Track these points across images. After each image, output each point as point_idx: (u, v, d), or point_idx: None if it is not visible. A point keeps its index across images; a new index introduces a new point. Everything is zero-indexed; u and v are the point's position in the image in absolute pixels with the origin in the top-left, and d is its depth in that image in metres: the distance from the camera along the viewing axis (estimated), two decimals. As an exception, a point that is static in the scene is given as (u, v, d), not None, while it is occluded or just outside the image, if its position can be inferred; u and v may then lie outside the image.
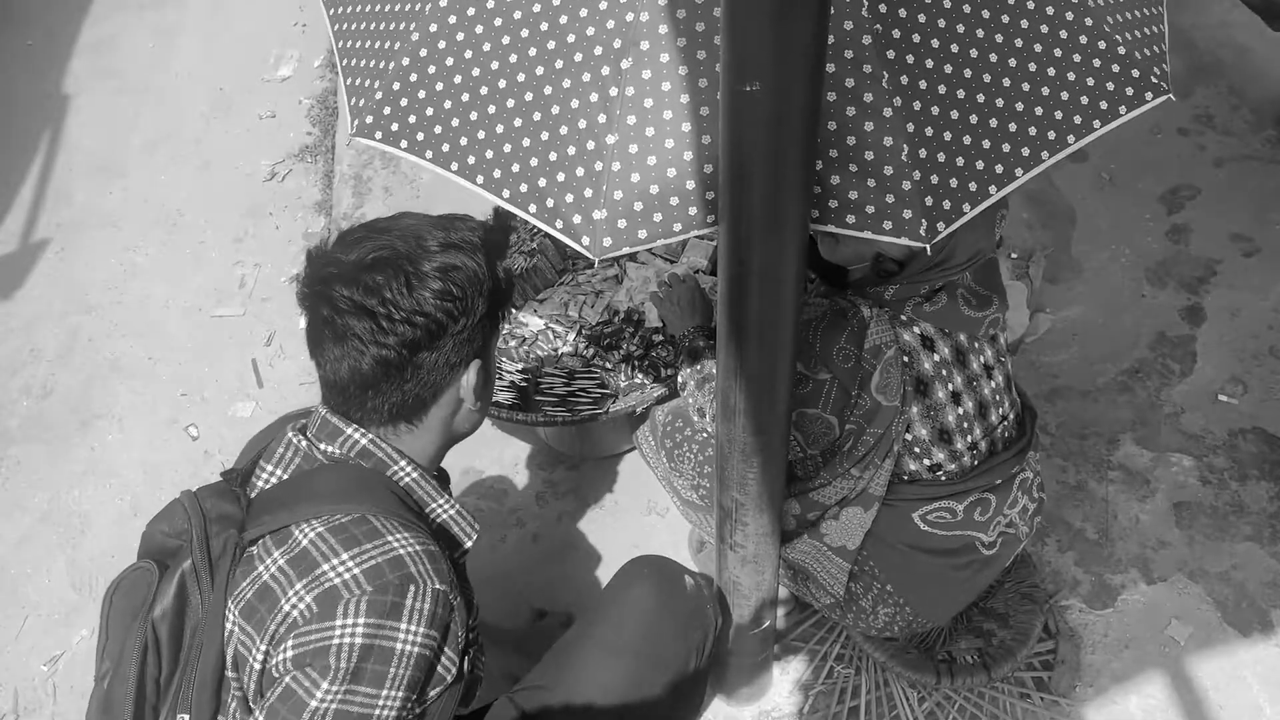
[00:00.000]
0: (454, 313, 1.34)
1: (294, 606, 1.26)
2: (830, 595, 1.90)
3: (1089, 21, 1.41)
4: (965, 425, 1.79)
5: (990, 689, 2.16)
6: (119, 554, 2.62)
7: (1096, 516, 2.46)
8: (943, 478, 1.81)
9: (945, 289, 1.74)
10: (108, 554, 2.63)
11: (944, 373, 1.75)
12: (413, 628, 1.27)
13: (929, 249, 1.32)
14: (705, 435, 2.01)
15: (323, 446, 1.38)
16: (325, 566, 1.27)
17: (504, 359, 2.37)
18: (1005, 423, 1.86)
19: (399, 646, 1.26)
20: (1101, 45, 1.42)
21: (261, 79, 3.92)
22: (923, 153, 1.33)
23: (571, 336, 2.39)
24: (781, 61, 1.06)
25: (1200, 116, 3.35)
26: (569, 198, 1.35)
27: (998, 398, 1.84)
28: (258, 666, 1.28)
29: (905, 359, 1.72)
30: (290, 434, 1.41)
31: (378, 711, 1.25)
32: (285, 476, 1.39)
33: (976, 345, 1.80)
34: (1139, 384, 2.71)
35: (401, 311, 1.30)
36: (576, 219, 1.34)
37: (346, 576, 1.26)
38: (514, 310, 2.46)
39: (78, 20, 4.23)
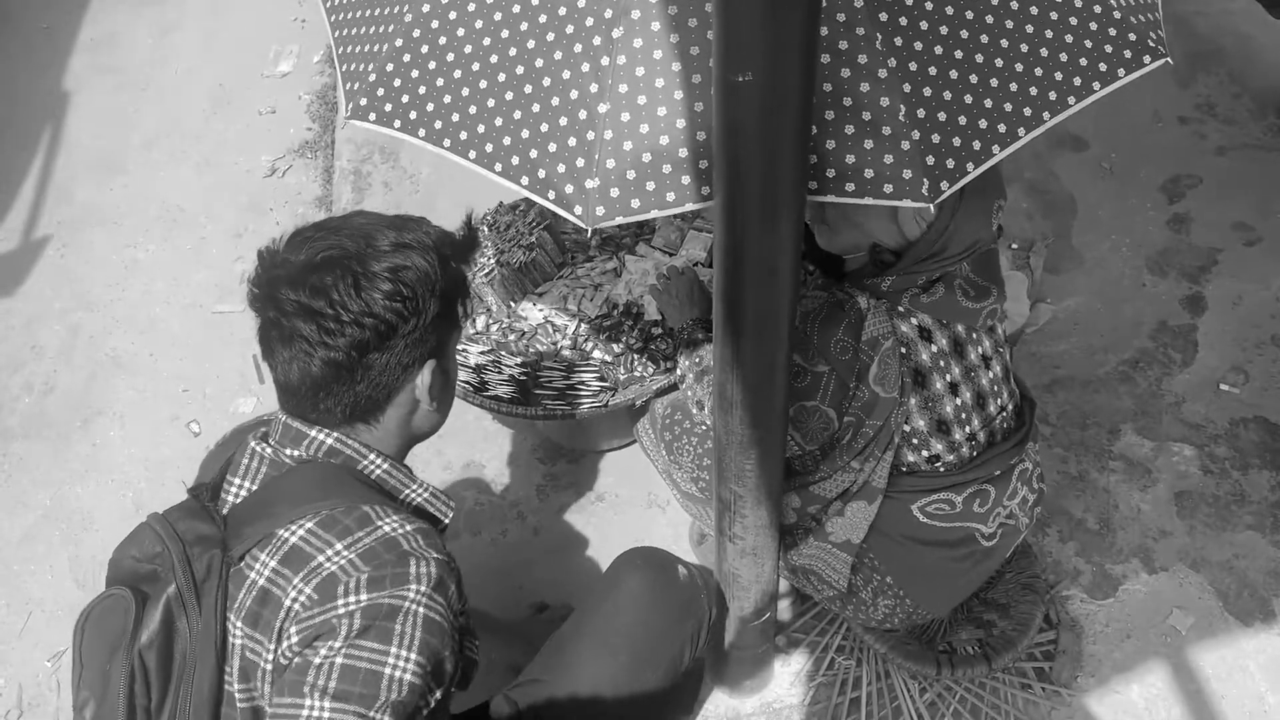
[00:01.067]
0: (404, 313, 1.32)
1: (294, 600, 1.25)
2: (833, 588, 1.90)
3: None
4: (963, 416, 1.79)
5: (991, 679, 2.16)
6: (121, 550, 2.62)
7: (1098, 506, 2.46)
8: (941, 469, 1.81)
9: (943, 280, 1.73)
10: (110, 550, 2.63)
11: (941, 364, 1.75)
12: (421, 588, 1.24)
13: (933, 209, 1.31)
14: (704, 428, 2.01)
15: (288, 451, 1.36)
16: (320, 558, 1.26)
17: (503, 353, 2.37)
18: (1004, 413, 1.86)
19: (405, 604, 1.23)
20: (1097, 8, 1.41)
21: (261, 75, 3.92)
22: (921, 112, 1.31)
23: (570, 330, 2.39)
24: (774, 51, 1.06)
25: (1201, 105, 3.34)
26: (561, 168, 1.34)
27: (996, 388, 1.84)
28: (269, 667, 1.27)
29: (903, 350, 1.71)
30: (253, 444, 1.39)
31: (388, 670, 1.20)
32: (254, 487, 1.37)
33: (974, 336, 1.80)
34: (1140, 374, 2.71)
35: (349, 313, 1.28)
36: (569, 189, 1.33)
37: (342, 562, 1.25)
38: (512, 304, 2.46)
39: (77, 17, 4.23)
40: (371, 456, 1.39)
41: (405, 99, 1.44)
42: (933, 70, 1.33)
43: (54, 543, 2.68)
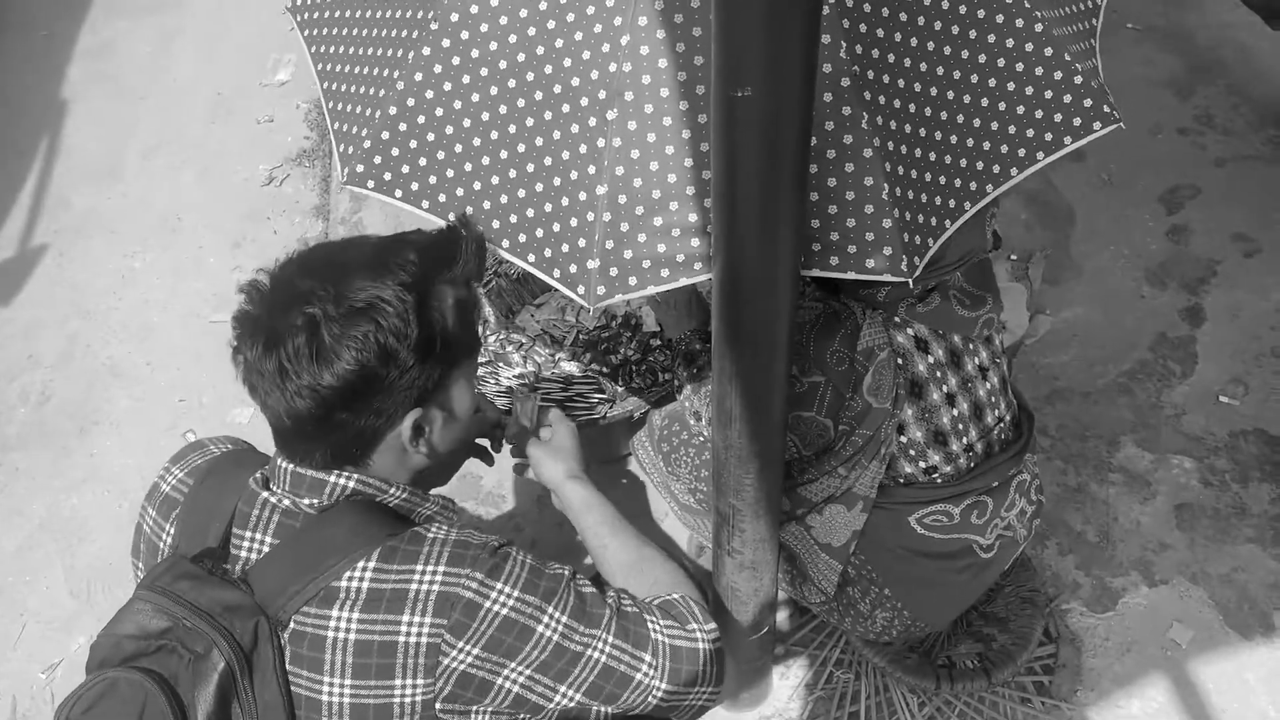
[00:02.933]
0: (369, 377, 1.23)
1: (419, 636, 1.22)
2: (822, 593, 1.90)
3: (1049, 51, 1.44)
4: (960, 427, 1.79)
5: (991, 694, 2.15)
6: (117, 561, 2.61)
7: (1097, 519, 2.45)
8: (939, 480, 1.80)
9: (938, 289, 1.74)
10: (106, 560, 2.63)
11: (939, 374, 1.75)
12: (513, 548, 1.32)
13: (911, 283, 1.36)
14: (702, 439, 2.00)
15: (307, 501, 1.29)
16: (413, 587, 1.23)
17: (500, 364, 2.36)
18: (1001, 424, 1.86)
19: (526, 562, 1.31)
20: (1058, 75, 1.44)
21: (259, 84, 3.92)
22: (899, 190, 1.35)
23: (569, 341, 2.38)
24: (773, 63, 1.06)
25: (1200, 116, 3.34)
26: (564, 248, 1.37)
27: (993, 399, 1.83)
28: (419, 699, 1.24)
29: (899, 361, 1.71)
30: (260, 492, 1.30)
31: (570, 590, 1.31)
32: (273, 540, 1.29)
33: (971, 346, 1.80)
34: (1139, 385, 2.70)
35: (304, 375, 1.20)
36: (572, 269, 1.37)
37: (439, 578, 1.24)
38: (510, 315, 2.46)
39: (76, 25, 4.23)
40: (392, 490, 1.33)
41: (405, 170, 1.44)
42: (905, 149, 1.36)
43: (50, 553, 2.67)
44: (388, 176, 1.46)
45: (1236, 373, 2.71)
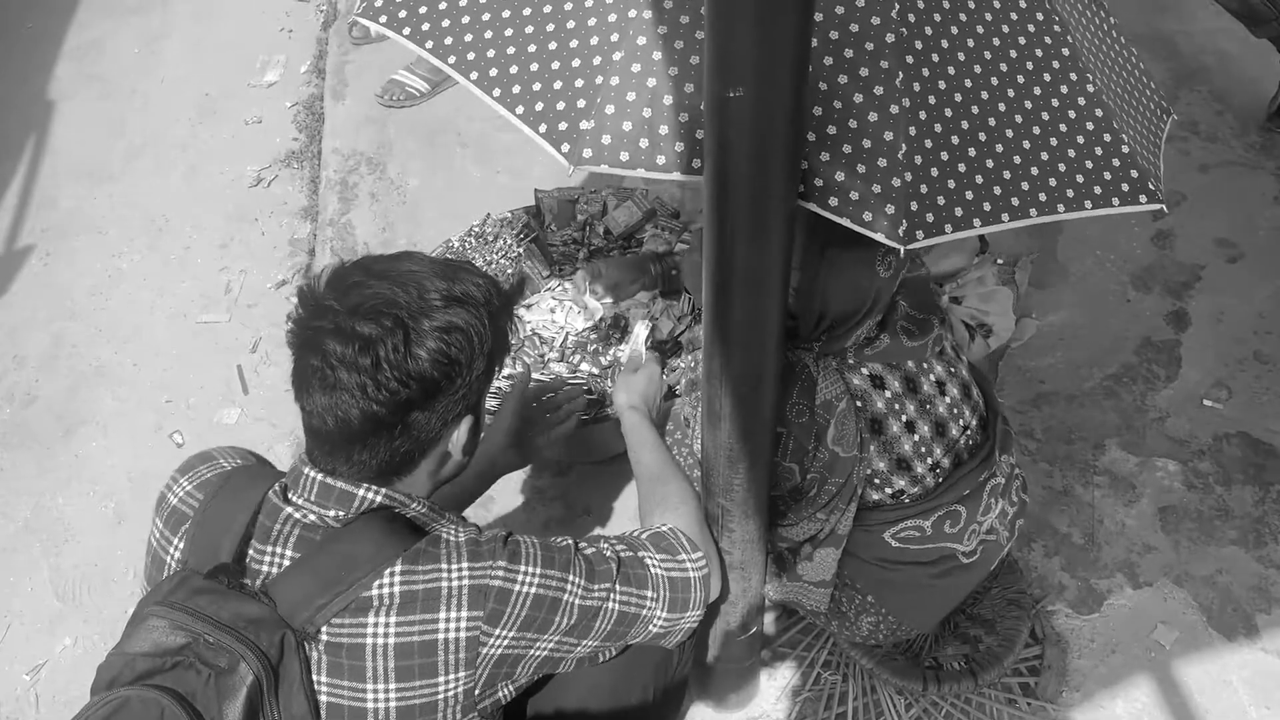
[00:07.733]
0: (451, 374, 1.29)
1: (458, 630, 1.26)
2: (814, 612, 1.91)
3: (1099, 113, 1.45)
4: (923, 450, 1.78)
5: (977, 695, 2.16)
6: (102, 562, 2.60)
7: (1083, 521, 2.47)
8: (907, 500, 1.80)
9: (886, 329, 1.73)
10: (91, 562, 2.61)
11: (896, 407, 1.74)
12: (519, 535, 1.40)
13: (903, 251, 1.32)
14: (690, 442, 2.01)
15: (332, 514, 1.31)
16: (444, 584, 1.27)
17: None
18: (968, 432, 1.84)
19: (535, 541, 1.39)
20: (1107, 138, 1.46)
21: (248, 84, 3.91)
22: (918, 159, 1.33)
23: (558, 342, 2.39)
24: (765, 66, 1.06)
25: (1184, 122, 3.37)
26: (560, 105, 1.36)
27: (955, 410, 1.82)
28: (461, 690, 1.28)
29: (859, 404, 1.71)
30: (282, 506, 1.32)
31: (580, 552, 1.42)
32: (293, 553, 1.30)
33: (925, 366, 1.79)
34: (1124, 389, 2.72)
35: (397, 371, 1.25)
36: (562, 125, 1.35)
37: (464, 573, 1.29)
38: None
39: (63, 25, 4.21)
40: (413, 504, 1.36)
41: (423, 10, 1.47)
42: (938, 128, 1.35)
43: (35, 554, 2.65)
44: (402, 15, 1.48)
45: (1220, 376, 2.73)
